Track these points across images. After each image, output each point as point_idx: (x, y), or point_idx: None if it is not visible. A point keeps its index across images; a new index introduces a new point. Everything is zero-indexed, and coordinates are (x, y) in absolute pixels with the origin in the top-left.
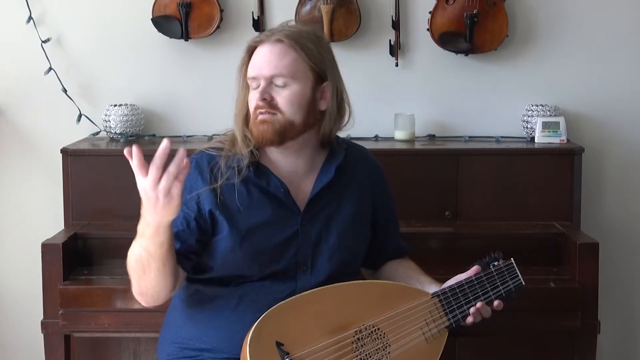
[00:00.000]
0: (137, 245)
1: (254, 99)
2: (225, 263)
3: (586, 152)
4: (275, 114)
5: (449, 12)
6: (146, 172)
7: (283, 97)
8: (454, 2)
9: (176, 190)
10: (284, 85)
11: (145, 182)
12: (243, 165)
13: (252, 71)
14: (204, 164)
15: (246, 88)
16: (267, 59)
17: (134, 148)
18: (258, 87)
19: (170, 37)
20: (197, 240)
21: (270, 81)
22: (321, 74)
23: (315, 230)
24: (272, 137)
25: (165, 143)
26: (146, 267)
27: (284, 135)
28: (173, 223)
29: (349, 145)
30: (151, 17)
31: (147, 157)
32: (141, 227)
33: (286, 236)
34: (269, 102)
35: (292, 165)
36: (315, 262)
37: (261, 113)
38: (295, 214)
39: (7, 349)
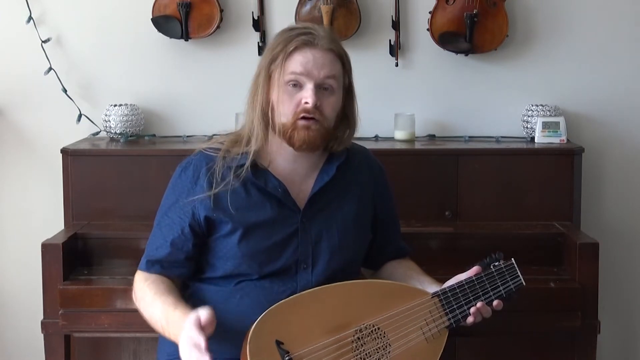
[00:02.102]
0: (159, 312)
1: (293, 101)
2: (225, 261)
3: (586, 152)
4: (319, 120)
5: (449, 12)
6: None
7: (329, 104)
8: (454, 2)
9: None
10: (330, 93)
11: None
12: (242, 166)
13: (299, 71)
14: (201, 166)
15: (269, 87)
16: (319, 64)
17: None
18: (296, 88)
19: (170, 37)
20: (194, 244)
21: (318, 85)
22: (348, 86)
23: (316, 229)
24: (319, 143)
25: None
26: (157, 328)
27: (324, 141)
28: (169, 230)
29: (351, 145)
30: (151, 17)
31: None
32: (175, 326)
33: (286, 234)
34: (317, 108)
35: (293, 165)
36: (316, 261)
37: (306, 118)
38: (295, 213)
39: (7, 349)
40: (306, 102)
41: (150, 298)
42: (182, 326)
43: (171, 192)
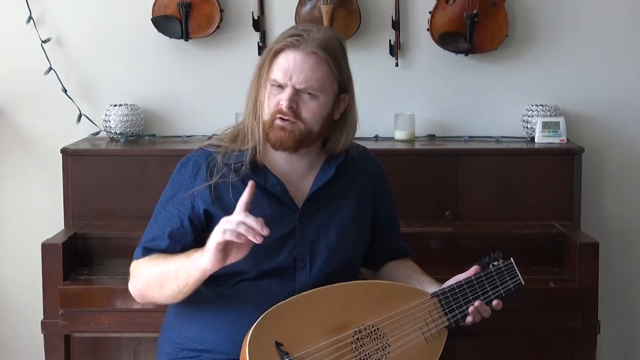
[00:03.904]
0: (173, 263)
1: (274, 101)
2: None
3: (586, 152)
4: (296, 122)
5: (449, 12)
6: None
7: (309, 109)
8: (454, 2)
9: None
10: (312, 97)
11: (242, 217)
12: (240, 163)
13: (279, 75)
14: (201, 162)
15: (259, 85)
16: (299, 68)
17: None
18: (280, 88)
19: (170, 37)
20: (192, 239)
21: (297, 90)
22: (342, 86)
23: (314, 228)
24: (291, 144)
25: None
26: (167, 283)
27: (301, 143)
28: (167, 222)
29: (351, 145)
30: (151, 17)
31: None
32: (197, 256)
33: (283, 233)
34: (293, 111)
35: (292, 164)
36: (314, 260)
37: (282, 119)
38: (294, 212)
39: (7, 349)
40: (281, 104)
41: (161, 260)
42: (207, 247)
43: (170, 186)
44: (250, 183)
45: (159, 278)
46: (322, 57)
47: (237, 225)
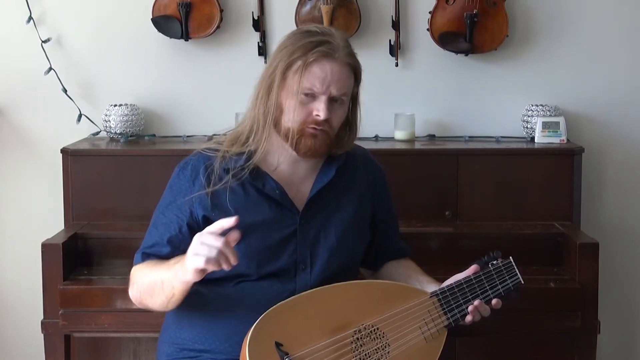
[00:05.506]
0: (158, 272)
1: (305, 110)
2: None
3: (586, 152)
4: (327, 131)
5: (449, 12)
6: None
7: (338, 116)
8: (454, 2)
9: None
10: (341, 104)
11: (222, 245)
12: (239, 167)
13: (316, 85)
14: (199, 166)
15: (281, 90)
16: (336, 79)
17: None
18: (311, 97)
19: (170, 37)
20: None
21: (331, 99)
22: (356, 96)
23: (314, 230)
24: (324, 152)
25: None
26: (156, 293)
27: (329, 149)
28: (166, 228)
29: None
30: (151, 17)
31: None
32: (178, 267)
33: (284, 235)
34: (327, 120)
35: (294, 168)
36: (314, 262)
37: (314, 128)
38: (294, 214)
39: (7, 349)
40: (317, 115)
41: (149, 269)
42: (186, 266)
43: (169, 191)
44: (235, 219)
45: (149, 288)
46: (352, 68)
47: (218, 254)
